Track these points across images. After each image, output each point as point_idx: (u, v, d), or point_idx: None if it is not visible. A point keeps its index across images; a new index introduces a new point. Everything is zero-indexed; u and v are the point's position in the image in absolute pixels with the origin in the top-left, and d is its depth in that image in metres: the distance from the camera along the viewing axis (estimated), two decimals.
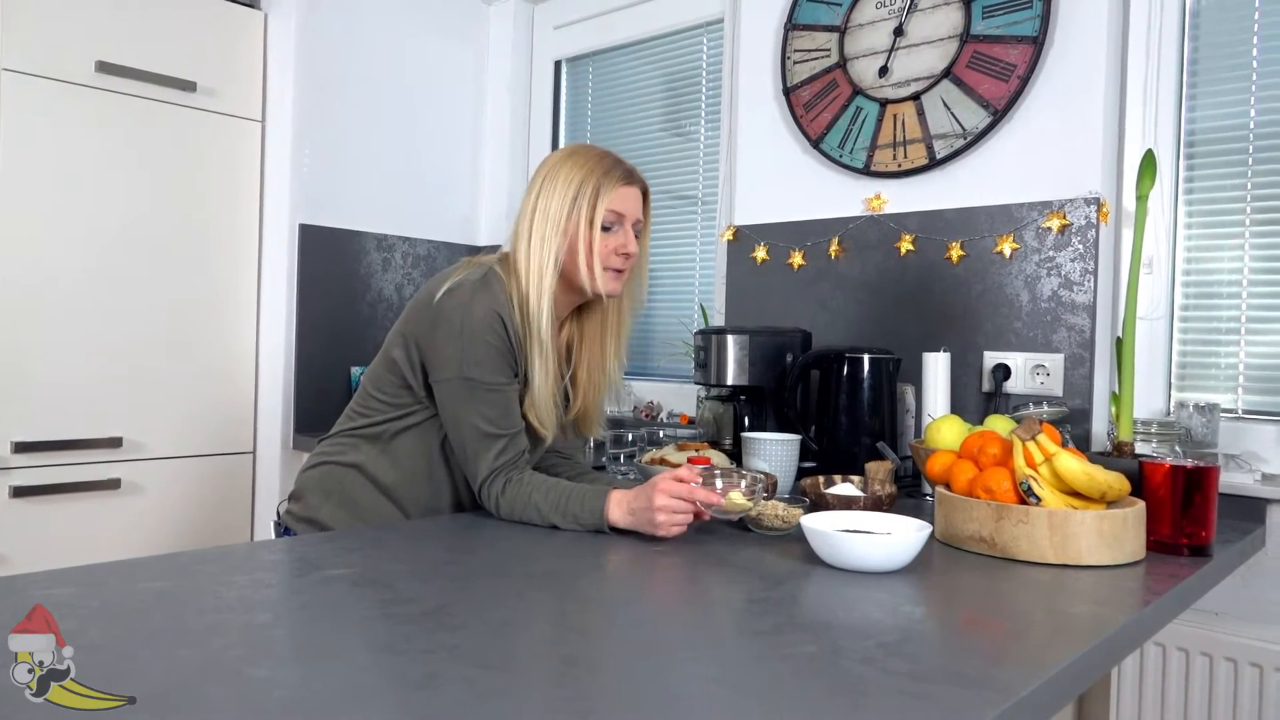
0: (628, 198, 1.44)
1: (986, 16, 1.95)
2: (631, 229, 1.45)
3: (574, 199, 1.41)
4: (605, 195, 1.41)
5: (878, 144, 2.10)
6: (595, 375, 1.54)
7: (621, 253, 1.43)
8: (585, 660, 0.85)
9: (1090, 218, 1.82)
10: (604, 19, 2.89)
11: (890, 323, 2.07)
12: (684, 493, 1.26)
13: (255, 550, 1.21)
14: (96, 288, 2.32)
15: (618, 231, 1.44)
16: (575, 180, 1.42)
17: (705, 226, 2.65)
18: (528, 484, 1.36)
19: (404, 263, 2.84)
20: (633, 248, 1.44)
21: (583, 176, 1.42)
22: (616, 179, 1.43)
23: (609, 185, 1.42)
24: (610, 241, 1.43)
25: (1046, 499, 1.23)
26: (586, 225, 1.41)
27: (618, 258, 1.43)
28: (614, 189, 1.42)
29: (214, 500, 2.55)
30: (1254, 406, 1.77)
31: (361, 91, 2.72)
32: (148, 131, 2.39)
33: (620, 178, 1.44)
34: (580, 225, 1.41)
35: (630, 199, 1.44)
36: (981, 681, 0.79)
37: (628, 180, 1.45)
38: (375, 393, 1.47)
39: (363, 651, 0.83)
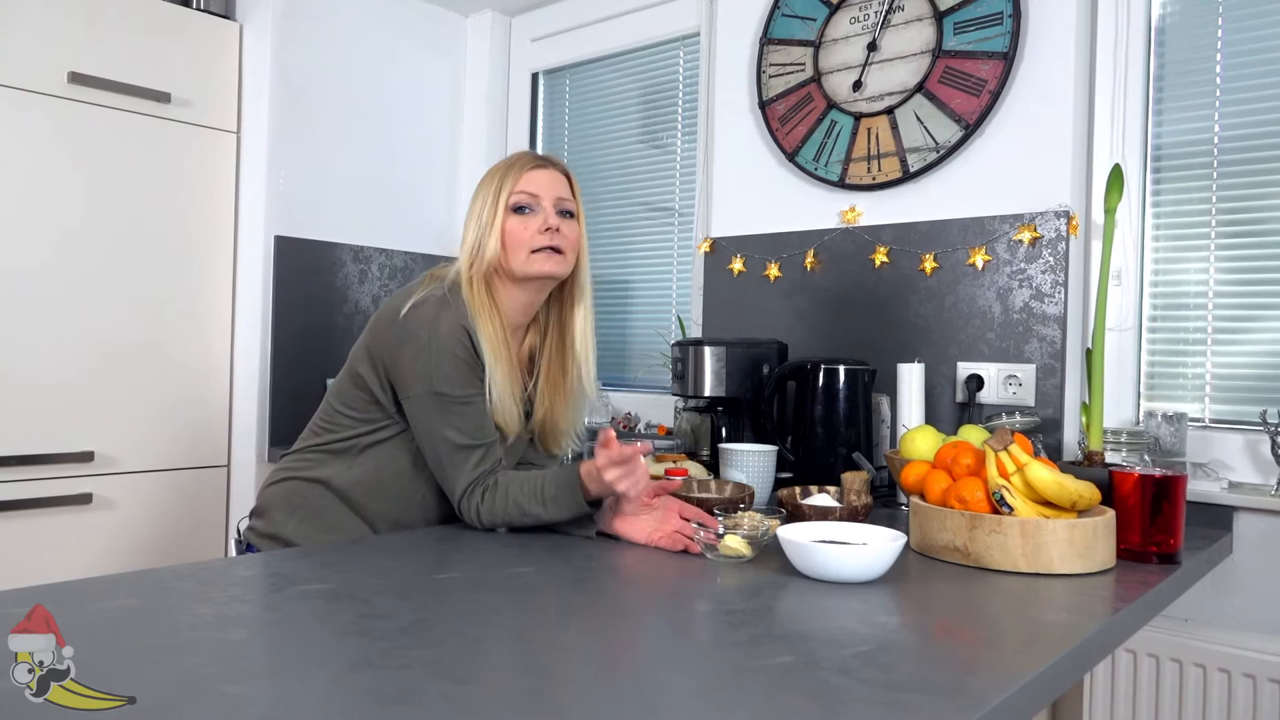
0: (538, 178, 1.46)
1: (958, 32, 1.98)
2: (555, 210, 1.46)
3: (487, 193, 1.46)
4: (511, 178, 1.45)
5: (852, 157, 2.13)
6: (556, 383, 1.54)
7: (544, 229, 1.44)
8: (562, 674, 0.85)
9: (1060, 230, 1.85)
10: (581, 32, 2.91)
11: (865, 334, 2.09)
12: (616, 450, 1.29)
13: (230, 566, 1.20)
14: (69, 300, 2.29)
15: (536, 212, 1.45)
16: (490, 178, 1.48)
17: (682, 238, 2.66)
18: (503, 485, 1.37)
19: (380, 274, 2.83)
20: (553, 222, 1.44)
21: (494, 172, 1.48)
22: (525, 164, 1.47)
23: (515, 169, 1.46)
24: (531, 223, 1.44)
25: (1019, 508, 1.25)
26: (493, 210, 1.44)
27: (542, 235, 1.44)
28: (521, 173, 1.46)
29: (188, 515, 2.52)
30: (1221, 416, 1.80)
31: (338, 103, 2.72)
32: (122, 143, 2.37)
33: (528, 162, 1.48)
34: (489, 212, 1.45)
35: (541, 179, 1.47)
36: (955, 690, 0.80)
37: (537, 164, 1.48)
38: (341, 408, 1.47)
39: (339, 667, 0.83)
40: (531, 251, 1.43)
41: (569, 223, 1.47)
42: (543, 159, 1.50)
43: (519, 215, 1.44)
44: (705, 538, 1.26)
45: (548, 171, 1.47)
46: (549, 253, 1.44)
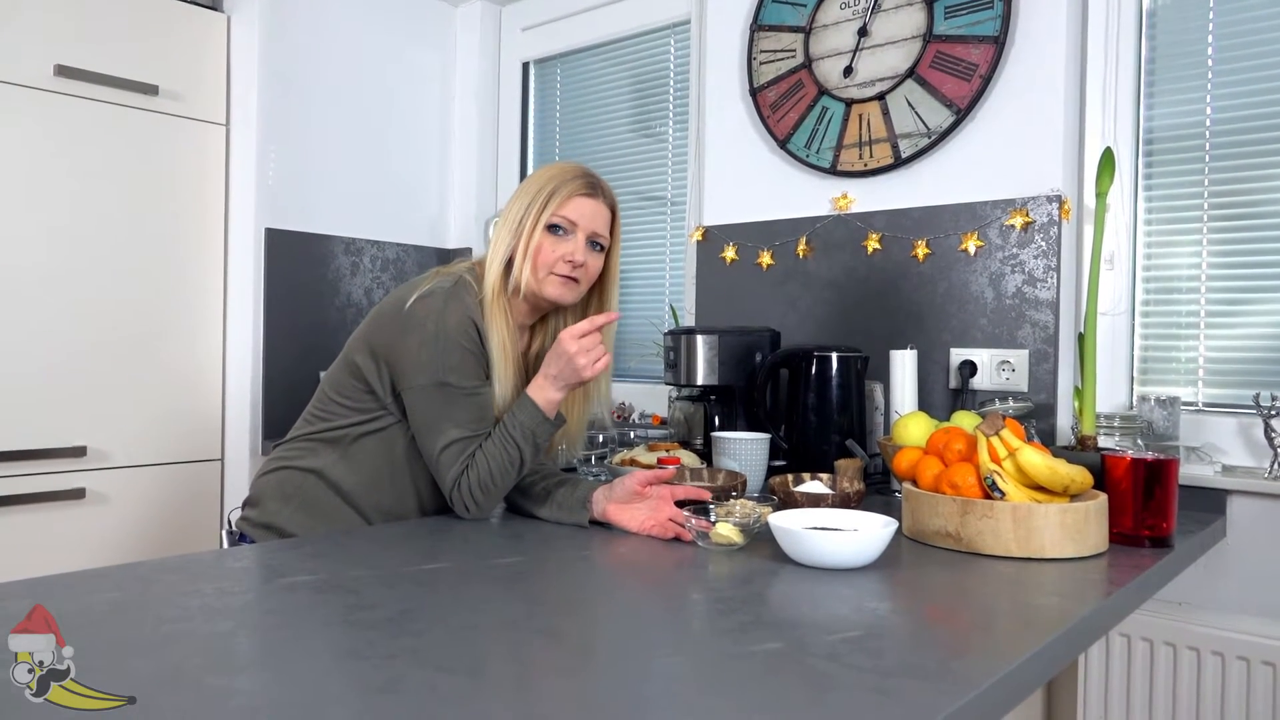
0: (584, 207, 1.44)
1: (949, 17, 1.97)
2: (587, 242, 1.45)
3: (530, 201, 1.44)
4: (558, 198, 1.43)
5: (844, 144, 2.12)
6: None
7: (568, 260, 1.42)
8: (549, 662, 0.85)
9: (1052, 215, 1.84)
10: (572, 20, 2.89)
11: (858, 321, 2.09)
12: (586, 328, 1.35)
13: (218, 558, 1.20)
14: (59, 295, 2.28)
15: (568, 238, 1.44)
16: (538, 185, 1.45)
17: (675, 227, 2.65)
18: (478, 455, 1.37)
19: (373, 266, 2.82)
20: (579, 258, 1.43)
21: (544, 182, 1.45)
22: (576, 187, 1.44)
23: (565, 190, 1.44)
24: (559, 247, 1.43)
25: (1010, 493, 1.24)
26: (533, 224, 1.42)
27: (564, 264, 1.42)
28: (570, 195, 1.44)
29: (182, 509, 2.51)
30: (1213, 399, 1.80)
31: (327, 94, 2.70)
32: (109, 136, 2.35)
33: (580, 187, 1.45)
34: (528, 224, 1.43)
35: (587, 209, 1.44)
36: (944, 675, 0.80)
37: (588, 191, 1.45)
38: (336, 397, 1.46)
39: (324, 658, 0.82)
40: (550, 273, 1.43)
41: (595, 256, 1.47)
42: (593, 186, 1.47)
43: (551, 234, 1.43)
44: (698, 525, 1.26)
45: (594, 202, 1.46)
46: (565, 280, 1.44)
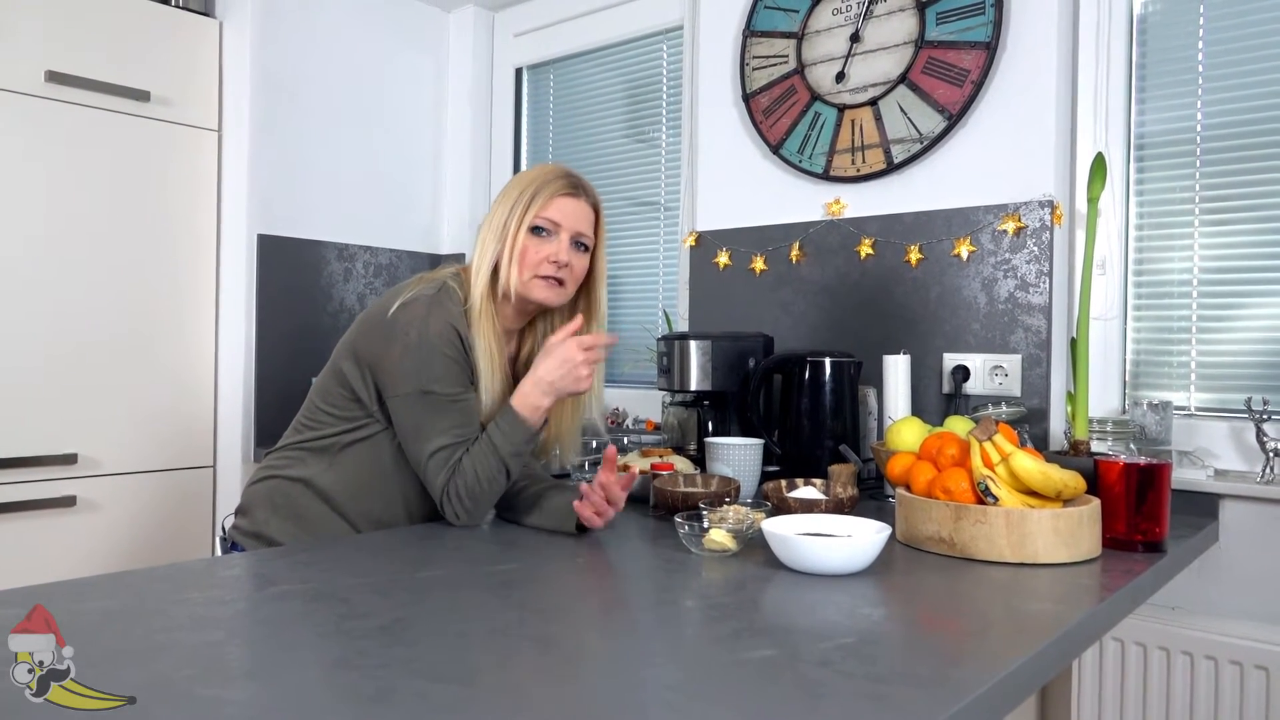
0: (566, 207, 1.44)
1: (941, 22, 1.97)
2: (571, 242, 1.45)
3: (513, 204, 1.44)
4: (540, 199, 1.43)
5: (836, 149, 2.12)
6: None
7: (551, 260, 1.42)
8: (542, 671, 0.84)
9: (1044, 220, 1.84)
10: (564, 26, 2.89)
11: (851, 326, 2.09)
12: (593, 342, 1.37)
13: (209, 567, 1.19)
14: (50, 302, 2.27)
15: (551, 239, 1.44)
16: (520, 188, 1.45)
17: (668, 232, 2.65)
18: (464, 461, 1.36)
19: (365, 272, 2.82)
20: (563, 258, 1.43)
21: (526, 184, 1.45)
22: (557, 188, 1.45)
23: (547, 191, 1.44)
24: (542, 248, 1.43)
25: (1004, 498, 1.24)
26: (516, 227, 1.42)
27: (548, 265, 1.42)
28: (552, 196, 1.44)
29: (174, 516, 2.50)
30: (1205, 404, 1.80)
31: (319, 100, 2.70)
32: (101, 142, 2.35)
33: (562, 188, 1.45)
34: (512, 227, 1.43)
35: (569, 209, 1.44)
36: (937, 681, 0.79)
37: (570, 191, 1.45)
38: (324, 405, 1.46)
39: (315, 667, 0.82)
40: (535, 275, 1.43)
41: (580, 256, 1.47)
42: (575, 186, 1.47)
43: (535, 236, 1.43)
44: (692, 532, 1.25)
45: (576, 201, 1.46)
46: (550, 282, 1.44)
